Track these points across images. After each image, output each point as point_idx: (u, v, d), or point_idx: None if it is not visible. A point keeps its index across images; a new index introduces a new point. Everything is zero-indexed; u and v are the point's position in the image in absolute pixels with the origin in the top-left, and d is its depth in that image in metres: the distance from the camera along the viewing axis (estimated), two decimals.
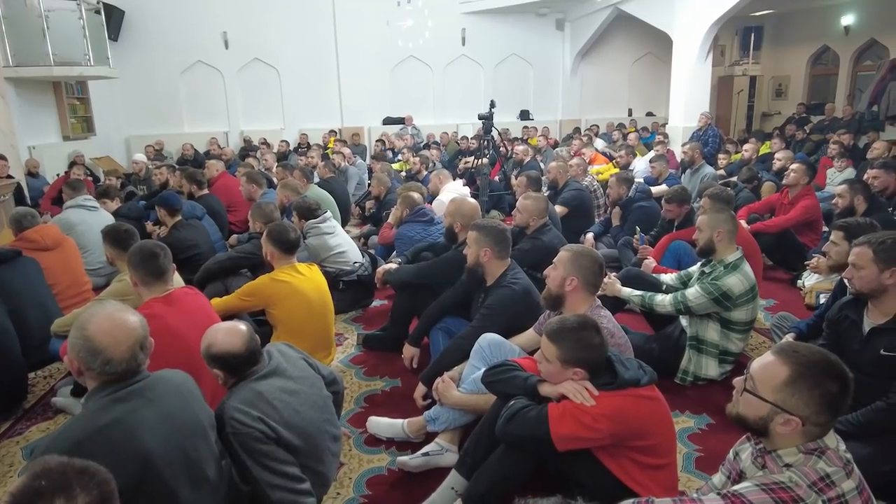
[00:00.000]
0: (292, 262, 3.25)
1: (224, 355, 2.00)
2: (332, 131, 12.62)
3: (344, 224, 6.37)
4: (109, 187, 6.15)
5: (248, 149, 11.07)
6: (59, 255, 3.85)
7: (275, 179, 6.43)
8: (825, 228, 5.12)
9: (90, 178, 8.30)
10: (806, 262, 4.50)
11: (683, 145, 7.14)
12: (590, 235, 5.52)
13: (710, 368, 3.14)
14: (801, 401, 1.44)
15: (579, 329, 1.95)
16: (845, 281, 2.64)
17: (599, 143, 10.82)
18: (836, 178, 7.03)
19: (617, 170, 7.12)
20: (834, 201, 4.79)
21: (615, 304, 3.47)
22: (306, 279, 3.22)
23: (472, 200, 3.78)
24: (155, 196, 5.81)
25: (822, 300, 3.57)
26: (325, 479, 2.22)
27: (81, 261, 4.16)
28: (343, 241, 4.28)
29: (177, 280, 2.98)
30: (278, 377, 2.08)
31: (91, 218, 4.88)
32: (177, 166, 8.15)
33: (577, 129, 12.71)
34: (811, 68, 13.89)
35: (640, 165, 8.06)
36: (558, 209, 5.40)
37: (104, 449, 1.53)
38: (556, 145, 11.04)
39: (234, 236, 5.48)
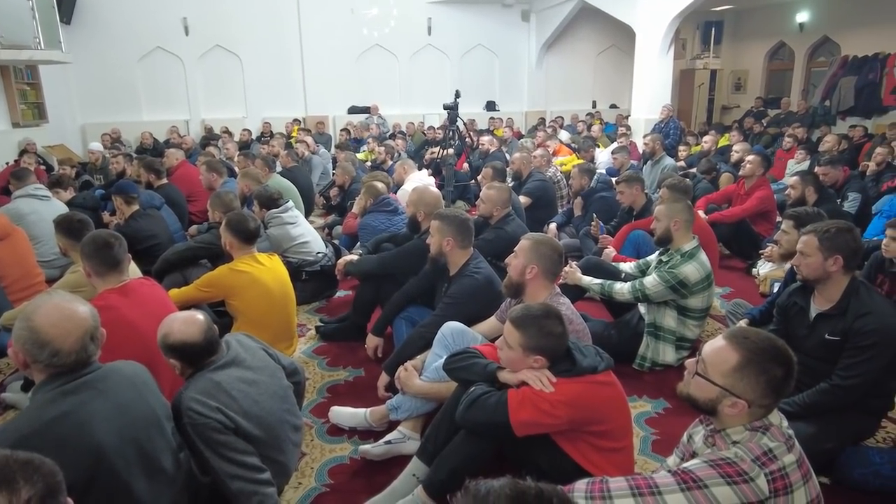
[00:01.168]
0: (252, 252, 3.21)
1: (180, 345, 1.97)
2: (295, 120, 12.42)
3: (308, 214, 6.30)
4: (63, 176, 5.95)
5: (209, 138, 10.83)
6: (7, 245, 3.71)
7: (236, 169, 6.32)
8: (779, 218, 5.29)
9: (43, 167, 7.99)
10: (760, 251, 4.66)
11: (645, 137, 7.27)
12: (553, 226, 5.59)
13: (668, 354, 3.23)
14: (748, 385, 1.49)
15: (543, 317, 1.97)
16: (794, 268, 2.74)
17: (564, 135, 10.93)
18: (795, 169, 7.24)
19: (580, 161, 7.22)
20: (787, 192, 4.95)
21: (576, 293, 3.53)
22: (267, 269, 3.18)
23: (435, 190, 3.79)
24: (112, 185, 5.65)
25: (777, 288, 3.70)
26: (285, 468, 2.21)
27: (33, 252, 4.02)
28: (305, 231, 4.24)
29: (133, 270, 2.92)
30: (237, 367, 2.06)
31: (43, 208, 4.71)
32: (135, 155, 7.93)
33: (542, 121, 12.80)
34: (768, 63, 14.26)
35: (603, 157, 8.18)
36: (522, 199, 5.44)
37: (52, 443, 1.50)
38: (521, 137, 11.10)
39: (194, 227, 5.37)
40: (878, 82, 11.07)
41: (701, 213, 5.11)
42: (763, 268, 4.44)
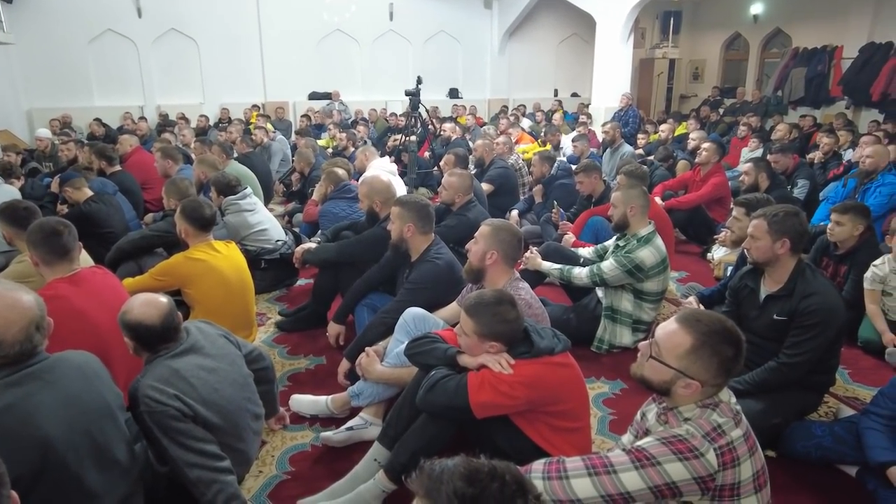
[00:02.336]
0: (208, 239, 3.14)
1: (136, 325, 1.94)
2: (254, 106, 12.15)
3: (267, 202, 6.20)
4: (9, 164, 5.71)
5: (164, 124, 10.51)
6: None
7: (192, 155, 6.16)
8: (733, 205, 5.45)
9: None
10: (715, 236, 4.79)
11: (604, 125, 7.37)
12: (514, 213, 5.64)
13: (624, 337, 3.30)
14: (702, 367, 1.54)
15: (495, 304, 1.98)
16: (745, 251, 2.83)
17: (526, 123, 10.99)
18: (749, 157, 7.44)
19: (542, 148, 7.27)
20: (741, 179, 5.10)
21: (536, 278, 3.58)
22: (224, 257, 3.13)
23: (384, 176, 3.75)
24: (62, 172, 5.44)
25: (730, 272, 3.82)
26: (246, 457, 2.20)
27: None
28: (264, 219, 4.17)
29: (84, 259, 2.83)
30: (196, 354, 2.04)
31: None
32: (86, 141, 7.65)
33: (505, 108, 12.84)
34: (725, 53, 14.58)
35: (563, 143, 8.26)
36: (484, 187, 5.47)
37: None
38: (484, 124, 11.12)
39: (150, 215, 5.23)
40: (826, 74, 11.44)
41: (658, 199, 5.23)
42: (717, 252, 4.57)
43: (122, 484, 1.74)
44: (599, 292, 3.46)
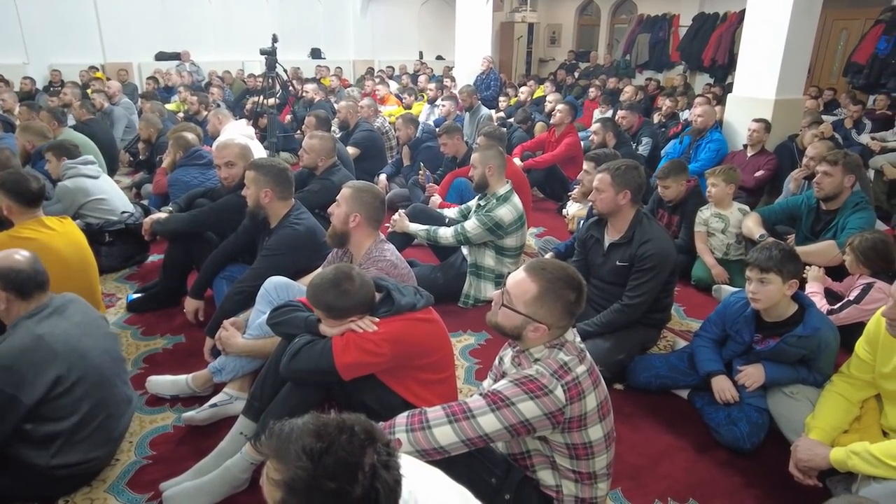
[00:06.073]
0: (38, 215, 2.81)
1: (7, 271, 1.91)
2: (92, 67, 10.90)
3: (112, 173, 5.66)
4: None
5: None
6: None
7: (16, 123, 5.44)
8: None
9: None
10: (569, 193, 5.10)
11: (460, 92, 7.27)
12: (382, 177, 5.62)
13: (488, 291, 3.45)
14: (548, 311, 1.64)
15: (333, 285, 1.93)
16: (592, 204, 3.04)
17: (393, 86, 10.87)
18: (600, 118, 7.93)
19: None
20: (590, 138, 5.45)
21: (405, 240, 3.61)
22: (58, 234, 2.81)
23: (240, 139, 3.55)
24: None
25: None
26: (112, 438, 2.13)
27: None
28: (107, 187, 3.81)
29: None
30: (60, 317, 1.99)
31: None
32: None
33: (371, 70, 12.61)
34: (579, 18, 15.31)
35: (428, 108, 8.27)
36: (350, 150, 5.37)
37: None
38: (349, 86, 10.85)
39: None
40: (666, 40, 12.44)
41: (517, 160, 5.45)
42: (571, 208, 4.87)
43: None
44: (464, 250, 3.57)
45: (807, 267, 3.12)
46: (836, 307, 2.83)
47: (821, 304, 2.87)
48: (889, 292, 1.94)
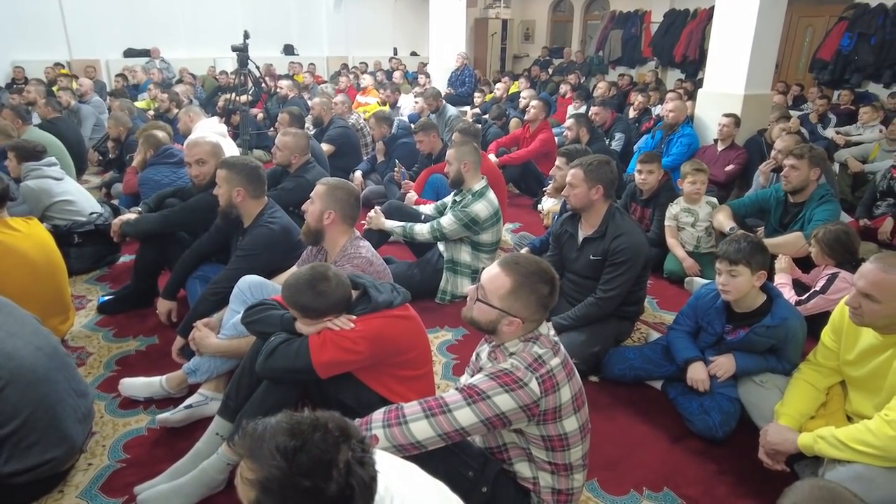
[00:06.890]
0: (2, 216, 2.74)
1: None
2: (57, 64, 10.62)
3: (81, 173, 5.55)
4: None
5: None
6: None
7: None
8: None
9: None
10: (544, 189, 5.14)
11: (425, 96, 7.06)
12: (358, 174, 5.59)
13: (465, 286, 3.45)
14: (522, 305, 1.66)
15: (309, 287, 1.91)
16: (565, 199, 3.07)
17: (369, 81, 10.81)
18: (573, 113, 7.99)
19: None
20: (564, 134, 5.49)
21: (381, 237, 3.61)
22: (24, 236, 2.75)
23: (211, 137, 3.50)
24: None
25: None
26: (65, 435, 2.02)
27: None
28: (72, 189, 3.72)
29: None
30: None
31: None
32: None
33: (345, 66, 12.52)
34: (552, 15, 15.39)
35: (406, 102, 8.27)
36: (325, 147, 5.33)
37: None
38: (323, 82, 10.75)
39: None
40: (638, 36, 12.58)
41: (492, 156, 5.47)
42: (546, 203, 4.91)
43: None
44: (441, 247, 3.57)
45: (776, 258, 3.20)
46: (803, 297, 2.90)
47: (789, 294, 2.94)
48: (852, 282, 2.00)
